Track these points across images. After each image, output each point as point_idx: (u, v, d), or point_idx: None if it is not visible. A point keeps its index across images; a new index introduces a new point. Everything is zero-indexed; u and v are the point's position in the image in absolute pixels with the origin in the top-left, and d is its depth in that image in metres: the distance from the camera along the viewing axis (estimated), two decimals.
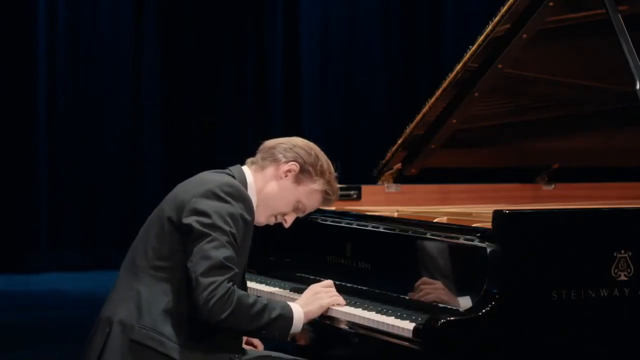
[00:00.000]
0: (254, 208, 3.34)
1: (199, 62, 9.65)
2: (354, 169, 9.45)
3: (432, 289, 3.30)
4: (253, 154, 3.48)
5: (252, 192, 3.37)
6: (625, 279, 3.14)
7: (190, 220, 3.18)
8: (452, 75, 4.13)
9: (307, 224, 3.93)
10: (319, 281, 3.51)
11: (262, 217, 3.43)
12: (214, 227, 3.16)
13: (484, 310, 2.99)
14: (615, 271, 3.13)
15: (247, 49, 9.76)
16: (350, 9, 9.87)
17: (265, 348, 3.59)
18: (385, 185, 4.56)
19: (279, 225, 3.50)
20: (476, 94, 4.24)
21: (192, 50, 9.67)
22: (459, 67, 4.10)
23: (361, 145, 9.54)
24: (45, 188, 9.35)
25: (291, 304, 3.32)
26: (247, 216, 3.25)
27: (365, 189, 4.54)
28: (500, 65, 4.11)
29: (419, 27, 9.92)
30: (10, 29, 9.23)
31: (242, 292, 3.22)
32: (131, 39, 9.60)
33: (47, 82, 9.34)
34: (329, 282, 3.47)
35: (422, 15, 9.92)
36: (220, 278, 3.12)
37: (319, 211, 3.95)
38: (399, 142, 4.42)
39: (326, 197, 3.47)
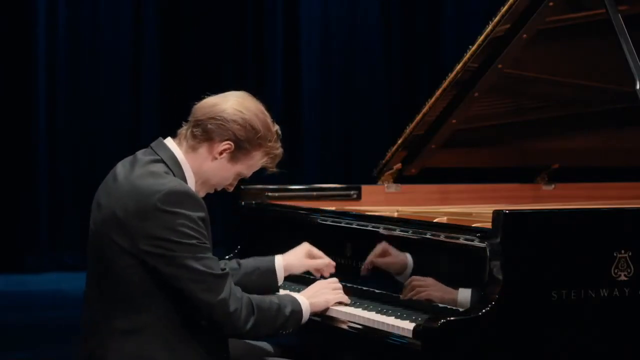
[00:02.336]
0: (194, 185, 3.19)
1: (199, 62, 9.65)
2: (354, 169, 9.46)
3: (432, 289, 3.30)
4: None
5: (186, 170, 3.20)
6: (625, 279, 3.14)
7: (153, 248, 3.02)
8: (452, 75, 4.14)
9: (307, 224, 3.93)
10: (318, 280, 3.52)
11: (202, 192, 3.25)
12: (182, 246, 3.02)
13: (484, 310, 2.99)
14: (615, 271, 3.13)
15: (247, 49, 9.76)
16: (350, 9, 9.87)
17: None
18: (385, 185, 4.56)
19: (279, 226, 3.50)
20: (476, 94, 4.24)
21: (192, 50, 9.67)
22: (459, 67, 4.10)
23: (361, 145, 9.54)
24: (45, 188, 9.35)
25: (296, 295, 3.33)
26: (201, 214, 3.08)
27: (365, 189, 4.55)
28: (500, 65, 4.11)
29: (419, 27, 9.91)
30: (10, 29, 9.22)
31: (256, 297, 3.20)
32: (131, 39, 9.59)
33: (47, 82, 9.34)
34: (335, 280, 3.48)
35: (422, 15, 9.91)
36: (225, 291, 3.06)
37: (319, 211, 3.96)
38: (399, 142, 4.42)
39: (267, 165, 3.31)
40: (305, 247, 3.61)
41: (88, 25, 9.46)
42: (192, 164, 3.21)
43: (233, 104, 3.24)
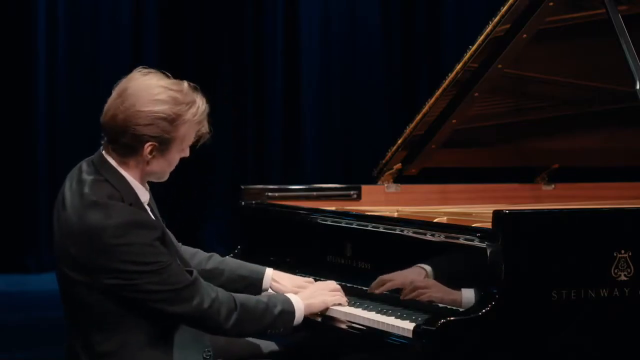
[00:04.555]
0: (141, 186, 3.12)
1: (199, 62, 9.65)
2: (354, 169, 9.45)
3: (433, 290, 3.30)
4: (253, 154, 3.37)
5: (130, 180, 3.10)
6: (625, 279, 3.14)
7: (115, 280, 2.99)
8: (452, 75, 4.14)
9: (307, 224, 3.93)
10: (319, 281, 3.52)
11: (158, 180, 3.20)
12: (144, 274, 2.99)
13: (483, 310, 2.99)
14: (615, 271, 3.13)
15: (246, 49, 9.76)
16: (350, 8, 9.87)
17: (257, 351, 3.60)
18: (385, 185, 4.56)
19: (279, 226, 3.49)
20: (476, 94, 4.24)
21: (191, 50, 9.67)
22: (459, 67, 4.10)
23: (361, 145, 9.54)
24: (46, 188, 9.34)
25: (291, 296, 3.32)
26: (154, 235, 3.03)
27: (365, 189, 4.55)
28: (500, 65, 4.11)
29: (419, 27, 9.91)
30: (10, 30, 9.22)
31: (241, 295, 3.20)
32: (131, 39, 9.59)
33: (46, 82, 9.33)
34: (333, 282, 3.48)
35: (422, 15, 9.91)
36: (198, 295, 3.05)
37: (319, 211, 3.96)
38: (399, 142, 4.42)
39: (201, 126, 3.18)
40: (301, 279, 3.60)
41: (87, 24, 9.46)
42: (132, 175, 3.11)
43: (131, 107, 3.08)
